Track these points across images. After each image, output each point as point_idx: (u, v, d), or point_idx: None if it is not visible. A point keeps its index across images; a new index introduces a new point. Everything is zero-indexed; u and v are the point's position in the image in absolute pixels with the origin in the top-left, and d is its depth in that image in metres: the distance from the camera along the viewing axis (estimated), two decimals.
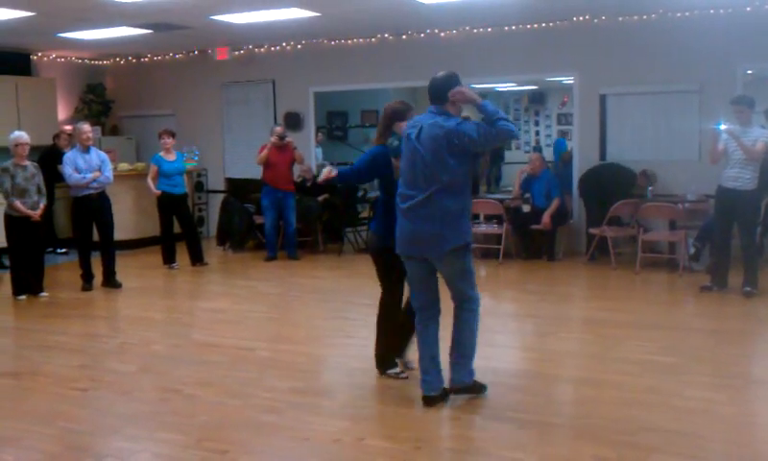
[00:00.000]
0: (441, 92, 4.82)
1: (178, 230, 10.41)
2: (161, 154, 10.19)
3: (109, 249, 9.10)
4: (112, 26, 10.46)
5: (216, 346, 6.55)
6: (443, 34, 11.17)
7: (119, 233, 9.79)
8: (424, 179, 4.73)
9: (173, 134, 10.36)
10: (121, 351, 6.57)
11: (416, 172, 4.77)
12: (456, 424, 4.68)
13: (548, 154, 17.85)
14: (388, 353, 5.49)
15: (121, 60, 13.78)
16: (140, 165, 12.37)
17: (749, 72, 10.00)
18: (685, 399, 4.85)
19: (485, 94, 20.16)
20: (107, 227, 9.02)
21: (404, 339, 5.53)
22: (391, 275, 5.34)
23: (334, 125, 16.66)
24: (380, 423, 4.65)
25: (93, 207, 8.87)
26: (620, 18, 10.10)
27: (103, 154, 9.06)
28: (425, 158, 4.71)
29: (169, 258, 10.33)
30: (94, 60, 13.79)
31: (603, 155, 10.44)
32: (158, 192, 10.08)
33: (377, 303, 5.56)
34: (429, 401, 4.84)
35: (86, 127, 8.91)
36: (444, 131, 4.67)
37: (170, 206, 10.18)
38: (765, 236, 9.25)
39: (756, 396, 5.11)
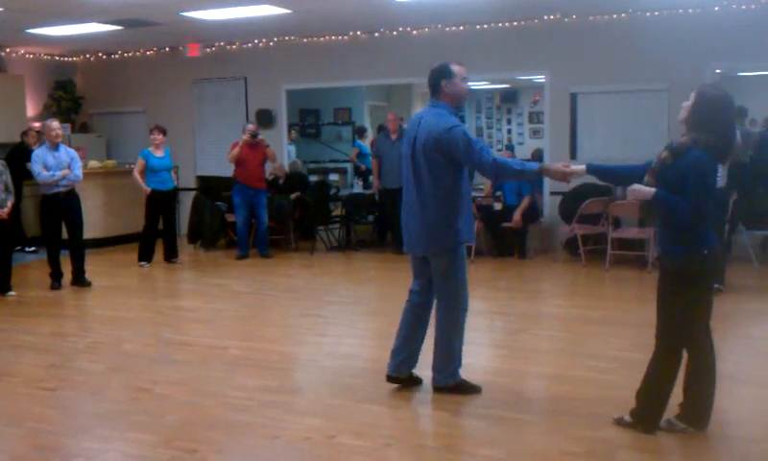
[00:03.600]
0: (433, 83, 4.86)
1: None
2: (150, 149, 10.12)
3: (79, 247, 9.01)
4: (82, 22, 10.35)
5: (187, 345, 6.52)
6: (415, 32, 11.19)
7: (89, 232, 9.72)
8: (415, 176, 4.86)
9: (164, 131, 10.30)
10: (91, 351, 6.51)
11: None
12: (428, 420, 4.71)
13: (520, 152, 17.95)
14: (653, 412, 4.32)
15: (91, 56, 13.64)
16: (110, 163, 12.28)
17: (717, 71, 10.12)
18: None
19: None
20: (76, 225, 8.93)
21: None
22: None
23: (307, 122, 16.62)
24: (351, 420, 4.65)
25: (62, 205, 8.77)
26: (590, 17, 10.18)
27: (72, 151, 8.96)
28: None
29: (146, 256, 10.25)
30: (64, 56, 13.64)
31: (573, 153, 10.50)
32: (149, 190, 10.02)
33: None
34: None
35: (55, 124, 8.81)
36: (436, 128, 4.71)
37: (159, 202, 10.13)
38: (732, 234, 9.37)
39: (724, 391, 5.14)
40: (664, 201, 4.05)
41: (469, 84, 4.96)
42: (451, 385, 5.01)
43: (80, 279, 9.00)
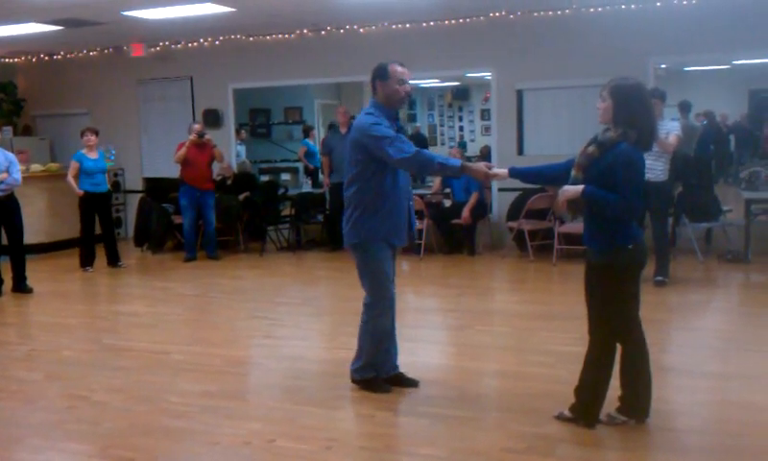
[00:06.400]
0: (371, 83, 4.92)
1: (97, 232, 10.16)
2: (84, 151, 9.91)
3: (19, 253, 8.79)
4: (20, 22, 10.09)
5: (128, 350, 6.39)
6: (362, 29, 11.14)
7: (32, 237, 9.52)
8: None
9: (96, 132, 10.09)
10: (29, 359, 6.34)
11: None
12: (369, 421, 4.65)
13: (472, 149, 18.04)
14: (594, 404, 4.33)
15: (33, 57, 13.33)
16: (53, 166, 12.02)
17: (663, 66, 10.23)
18: None
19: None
20: (15, 230, 8.70)
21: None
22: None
23: (257, 122, 16.48)
24: (292, 423, 4.58)
25: (1, 210, 8.54)
26: (535, 14, 10.22)
27: (10, 154, 8.73)
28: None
29: (87, 261, 10.04)
30: (3, 57, 13.31)
31: (521, 149, 10.55)
32: (81, 192, 9.80)
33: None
34: None
35: None
36: (357, 125, 4.82)
37: (93, 205, 9.92)
38: (677, 227, 9.49)
39: (665, 383, 5.18)
40: (594, 197, 4.05)
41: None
42: (357, 380, 5.03)
43: (20, 286, 8.77)
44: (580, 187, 4.08)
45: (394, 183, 4.80)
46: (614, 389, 4.37)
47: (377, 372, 5.03)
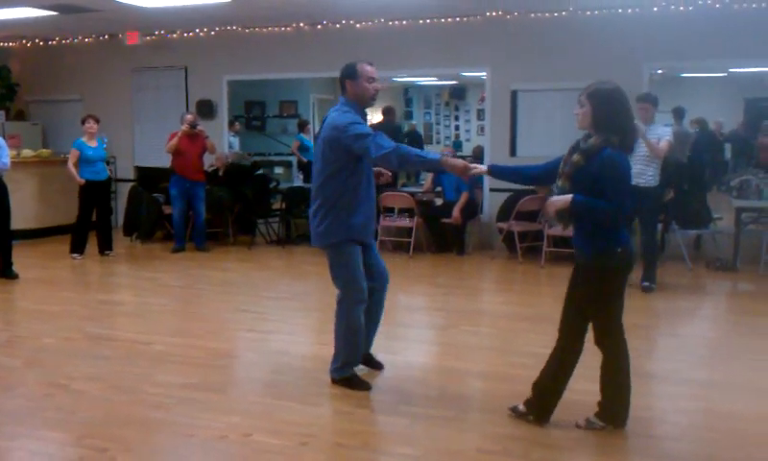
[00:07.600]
0: (341, 82, 4.95)
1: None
2: (84, 139, 9.86)
3: (6, 238, 8.73)
4: (15, 6, 10.03)
5: (110, 339, 6.35)
6: (358, 25, 11.10)
7: (20, 222, 9.46)
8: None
9: (98, 120, 10.03)
10: (9, 345, 6.30)
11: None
12: (347, 418, 4.62)
13: (468, 149, 18.01)
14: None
15: (27, 42, 13.26)
16: (45, 152, 11.96)
17: (659, 71, 10.19)
18: (574, 392, 4.75)
19: (407, 87, 20.22)
20: (3, 214, 8.64)
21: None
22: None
23: (252, 115, 16.44)
24: (270, 418, 4.55)
25: None
26: (532, 15, 10.20)
27: None
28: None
29: (78, 248, 10.00)
30: None
31: (513, 150, 10.52)
32: (83, 181, 9.76)
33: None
34: None
35: None
36: (334, 123, 4.79)
37: (94, 193, 9.88)
38: (666, 233, 9.47)
39: (646, 389, 5.16)
40: (583, 205, 4.03)
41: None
42: (337, 379, 5.04)
43: (6, 272, 8.72)
44: (569, 197, 4.05)
45: (368, 184, 4.89)
46: (595, 394, 4.35)
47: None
